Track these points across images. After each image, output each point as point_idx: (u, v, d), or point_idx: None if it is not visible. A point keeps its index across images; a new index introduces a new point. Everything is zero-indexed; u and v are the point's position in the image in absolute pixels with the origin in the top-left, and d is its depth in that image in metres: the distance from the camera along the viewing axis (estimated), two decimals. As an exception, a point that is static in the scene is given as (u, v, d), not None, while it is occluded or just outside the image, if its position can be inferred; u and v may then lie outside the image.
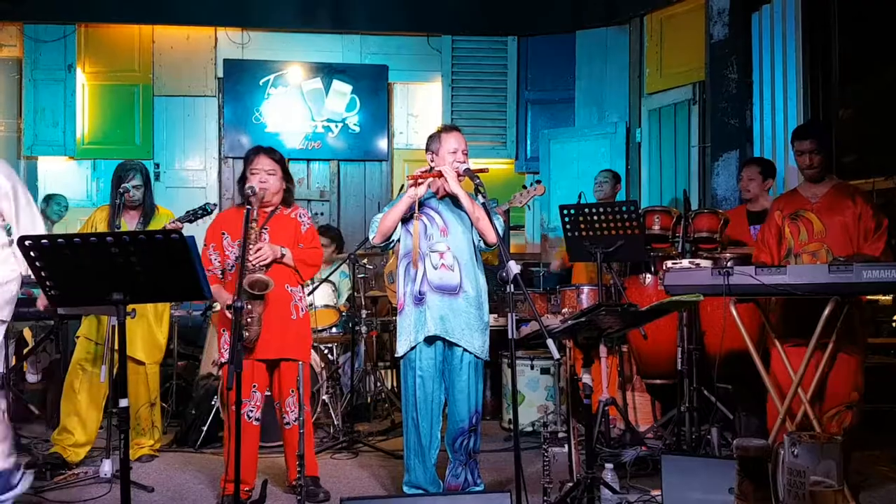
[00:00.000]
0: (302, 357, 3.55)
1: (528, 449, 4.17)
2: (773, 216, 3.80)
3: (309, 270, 3.63)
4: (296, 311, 3.56)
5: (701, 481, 2.84)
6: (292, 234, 3.59)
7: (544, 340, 2.76)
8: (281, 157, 3.62)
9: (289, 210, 3.64)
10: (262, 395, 3.53)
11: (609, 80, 6.67)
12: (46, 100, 6.62)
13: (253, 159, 3.53)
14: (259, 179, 3.48)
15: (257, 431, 3.54)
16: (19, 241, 2.53)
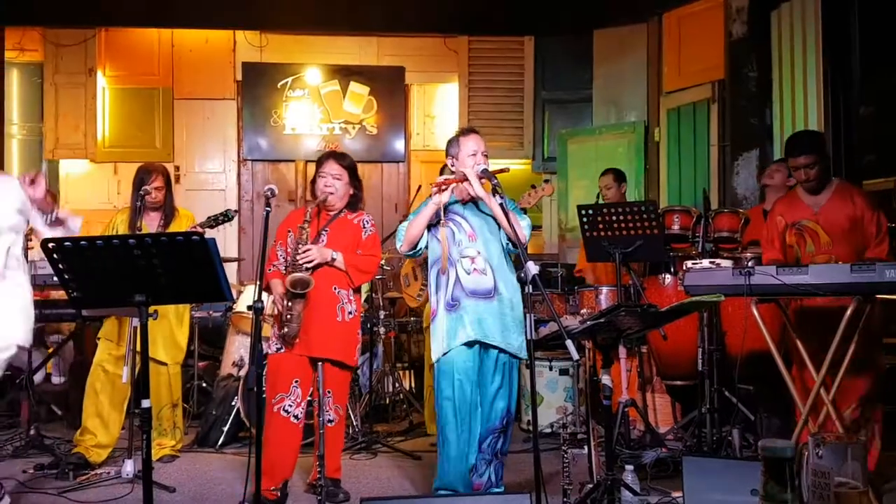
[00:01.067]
0: (345, 359, 3.57)
1: (547, 450, 4.15)
2: (775, 219, 3.77)
3: (361, 277, 3.65)
4: (342, 313, 3.57)
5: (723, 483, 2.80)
6: (352, 238, 3.63)
7: (563, 341, 2.75)
8: (350, 163, 3.68)
9: (353, 215, 3.68)
10: (304, 395, 3.53)
11: (627, 79, 6.63)
12: (68, 103, 6.70)
13: (323, 163, 3.64)
14: (325, 183, 3.58)
15: (297, 430, 3.53)
16: (43, 244, 2.56)
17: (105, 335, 4.22)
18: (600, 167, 5.40)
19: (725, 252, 4.31)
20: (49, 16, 6.45)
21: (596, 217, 4.02)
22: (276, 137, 6.90)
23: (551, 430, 4.65)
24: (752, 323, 3.57)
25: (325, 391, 3.53)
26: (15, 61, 6.69)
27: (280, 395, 3.48)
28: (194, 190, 6.75)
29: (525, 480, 3.76)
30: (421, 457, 4.25)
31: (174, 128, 6.83)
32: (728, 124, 5.79)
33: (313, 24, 6.79)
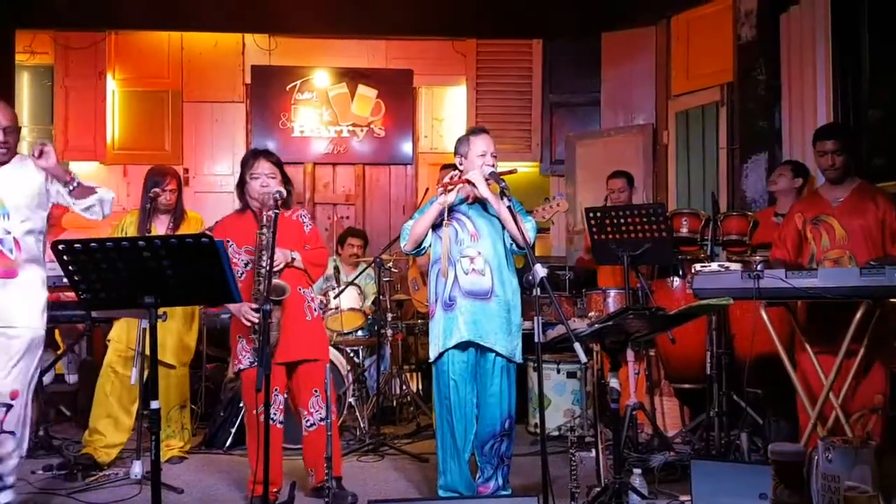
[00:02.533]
0: (321, 356, 3.56)
1: (555, 453, 4.14)
2: (794, 217, 3.76)
3: (318, 270, 3.64)
4: (309, 311, 3.57)
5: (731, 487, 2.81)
6: (297, 235, 3.60)
7: (571, 344, 2.75)
8: (278, 160, 3.59)
9: (289, 212, 3.61)
10: (283, 398, 3.55)
11: (635, 82, 6.62)
12: (78, 106, 6.73)
13: (252, 163, 3.51)
14: (261, 183, 3.47)
15: (280, 434, 3.56)
16: (53, 246, 2.57)
17: (114, 337, 4.25)
18: (608, 170, 5.39)
19: (734, 255, 4.30)
20: (59, 19, 6.48)
21: (604, 220, 4.02)
22: (284, 140, 6.92)
23: (559, 433, 4.64)
24: (761, 326, 3.56)
25: (312, 391, 3.52)
26: (25, 64, 6.72)
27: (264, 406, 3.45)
28: (203, 192, 6.77)
29: (532, 483, 3.75)
30: (428, 459, 4.24)
31: (183, 130, 6.86)
32: (737, 127, 5.77)
33: (322, 28, 6.81)
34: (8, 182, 3.26)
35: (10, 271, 3.22)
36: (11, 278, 3.22)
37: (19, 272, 3.23)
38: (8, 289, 3.21)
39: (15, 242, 3.22)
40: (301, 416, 3.59)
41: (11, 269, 3.22)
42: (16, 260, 3.22)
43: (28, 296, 3.26)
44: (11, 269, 3.22)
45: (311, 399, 3.53)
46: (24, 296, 3.25)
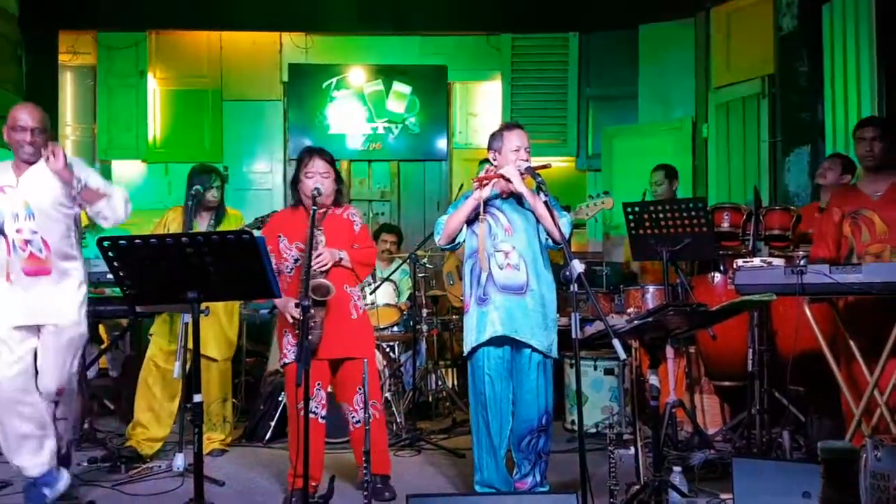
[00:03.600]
0: (365, 354, 3.57)
1: (592, 450, 4.11)
2: (832, 211, 3.70)
3: (365, 270, 3.65)
4: (355, 310, 3.59)
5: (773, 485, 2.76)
6: (346, 234, 3.61)
7: (608, 341, 2.72)
8: (332, 159, 3.62)
9: (340, 210, 3.65)
10: (326, 394, 3.58)
11: (674, 74, 6.54)
12: (120, 105, 6.85)
13: (307, 161, 3.52)
14: (314, 181, 3.49)
15: (322, 428, 3.59)
16: (98, 242, 2.63)
17: (157, 331, 4.33)
18: (646, 164, 5.33)
19: (777, 250, 4.23)
20: (101, 20, 6.60)
21: (642, 215, 3.97)
22: (320, 137, 6.97)
23: (596, 430, 4.61)
24: (804, 323, 3.50)
25: (357, 388, 3.54)
26: (69, 64, 6.86)
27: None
28: (242, 189, 6.86)
29: (570, 480, 3.73)
30: (464, 454, 4.25)
31: (223, 128, 6.94)
32: (779, 120, 5.67)
33: (357, 25, 6.84)
34: (34, 183, 3.30)
35: (41, 269, 3.28)
36: (44, 275, 3.29)
37: (52, 270, 3.30)
38: (42, 287, 3.29)
39: (43, 242, 3.28)
40: (347, 412, 3.61)
41: (43, 267, 3.29)
42: (46, 259, 3.28)
43: (64, 292, 3.33)
44: (43, 267, 3.29)
45: (356, 396, 3.54)
46: (59, 293, 3.32)
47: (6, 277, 3.28)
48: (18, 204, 3.27)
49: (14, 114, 3.29)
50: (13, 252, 3.27)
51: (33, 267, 3.27)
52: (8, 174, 3.33)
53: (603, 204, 4.19)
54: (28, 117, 3.27)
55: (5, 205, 3.28)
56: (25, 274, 3.27)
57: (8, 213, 3.27)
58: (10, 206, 3.27)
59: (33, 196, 3.28)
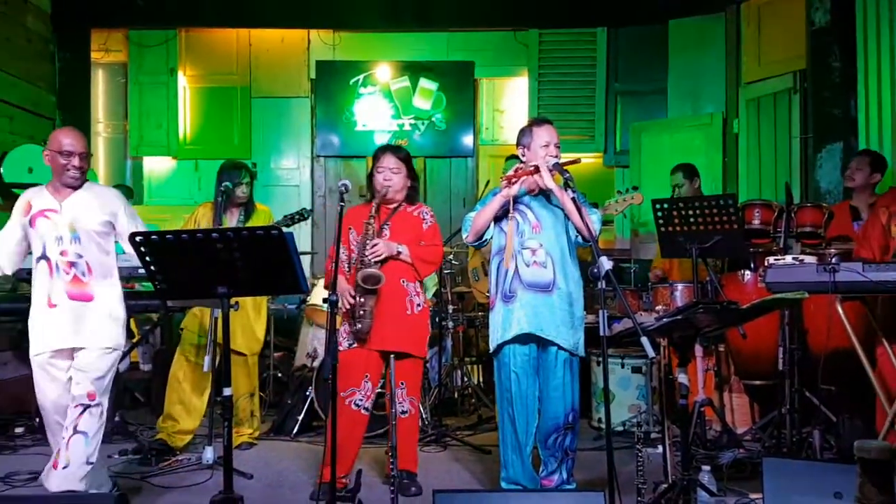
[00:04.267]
0: (416, 352, 3.61)
1: (619, 448, 4.10)
2: (878, 212, 3.64)
3: (427, 268, 3.67)
4: (411, 305, 3.61)
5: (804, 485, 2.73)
6: (414, 231, 3.65)
7: (636, 338, 2.71)
8: (407, 156, 3.69)
9: (412, 208, 3.71)
10: (374, 388, 3.59)
11: (704, 69, 6.46)
12: (150, 102, 6.94)
13: (380, 157, 3.64)
14: (384, 177, 3.59)
15: (364, 421, 3.60)
16: (130, 237, 2.67)
17: (187, 326, 4.38)
18: (675, 160, 5.28)
19: (808, 247, 4.17)
20: (133, 17, 6.68)
21: (671, 211, 3.94)
22: (347, 134, 7.01)
23: (623, 428, 4.58)
24: (837, 321, 3.44)
25: (399, 383, 3.56)
26: (100, 62, 6.96)
27: (351, 388, 3.53)
28: (270, 186, 6.91)
29: (597, 478, 3.72)
30: (490, 451, 4.25)
31: (252, 125, 7.00)
32: (810, 116, 5.58)
33: (385, 22, 6.85)
34: (80, 207, 3.32)
35: (85, 295, 3.29)
36: (87, 302, 3.29)
37: (94, 296, 3.31)
38: (85, 309, 3.29)
39: (87, 266, 3.29)
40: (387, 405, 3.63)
41: (86, 293, 3.29)
42: (88, 283, 3.29)
43: (105, 315, 3.34)
44: (86, 293, 3.29)
45: (398, 391, 3.57)
46: (101, 316, 3.32)
47: (48, 301, 3.29)
48: (63, 228, 3.27)
49: (59, 138, 3.29)
50: (56, 274, 3.27)
51: (77, 290, 3.28)
52: (48, 199, 3.32)
53: (632, 199, 4.16)
54: (76, 142, 3.28)
55: (48, 229, 3.28)
56: (70, 297, 3.27)
57: (51, 237, 3.27)
58: (53, 230, 3.28)
59: (80, 219, 3.30)
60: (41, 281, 3.31)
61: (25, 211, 3.33)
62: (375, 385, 3.61)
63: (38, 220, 3.30)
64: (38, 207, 3.32)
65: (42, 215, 3.30)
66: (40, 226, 3.29)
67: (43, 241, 3.29)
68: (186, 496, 3.62)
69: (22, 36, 5.63)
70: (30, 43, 5.73)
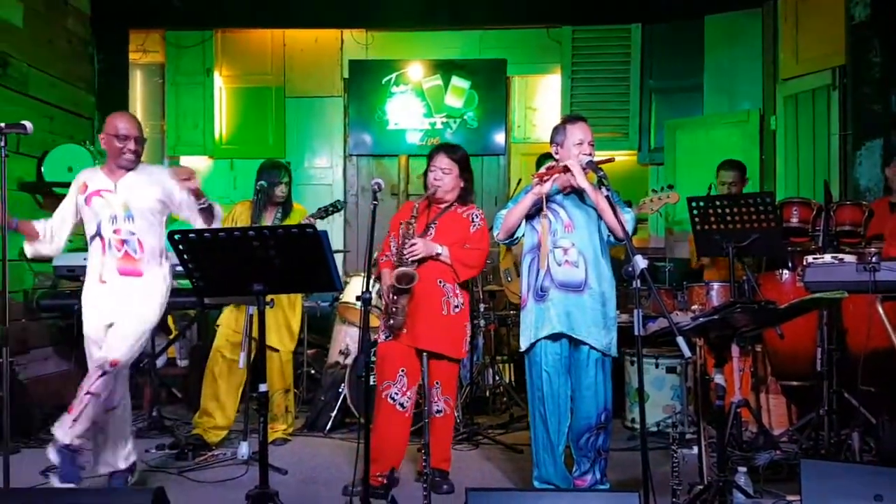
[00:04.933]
0: (452, 353, 3.61)
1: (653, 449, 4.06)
2: None
3: (467, 271, 3.66)
4: (447, 306, 3.61)
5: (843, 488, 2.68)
6: (460, 232, 3.65)
7: (672, 338, 2.68)
8: (462, 156, 3.70)
9: (464, 209, 3.71)
10: (411, 385, 3.60)
11: (740, 66, 6.36)
12: (187, 102, 7.03)
13: (434, 157, 3.68)
14: (434, 177, 3.62)
15: (404, 421, 3.62)
16: (169, 236, 2.72)
17: (223, 322, 4.44)
18: (711, 157, 5.21)
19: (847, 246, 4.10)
20: (170, 18, 6.78)
21: (708, 210, 3.90)
22: (380, 133, 7.03)
23: (657, 428, 4.54)
24: (877, 321, 3.39)
25: (434, 382, 3.58)
26: (138, 63, 7.06)
27: (387, 382, 3.57)
28: (304, 185, 6.94)
29: (630, 479, 3.69)
30: (522, 450, 4.25)
31: (286, 125, 7.06)
32: (850, 112, 5.47)
33: (417, 21, 6.86)
34: (134, 187, 3.47)
35: (135, 271, 3.44)
36: (138, 277, 3.44)
37: (144, 272, 3.45)
38: (133, 287, 3.43)
39: (139, 243, 3.44)
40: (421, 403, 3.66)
41: (136, 269, 3.44)
42: (140, 259, 3.44)
43: (150, 293, 3.47)
44: (136, 269, 3.44)
45: (432, 391, 3.59)
46: (146, 293, 3.46)
47: (99, 278, 3.44)
48: (117, 207, 3.43)
49: (116, 123, 3.45)
50: (108, 251, 3.43)
51: (128, 267, 3.43)
52: (103, 179, 3.49)
53: (668, 198, 4.12)
54: (131, 127, 3.45)
55: (103, 208, 3.45)
56: (120, 273, 3.43)
57: (105, 216, 3.44)
58: (108, 209, 3.44)
59: (134, 199, 3.45)
60: (94, 258, 3.48)
61: (81, 190, 3.50)
62: (412, 381, 3.61)
63: (93, 199, 3.46)
64: (93, 187, 3.48)
65: (97, 194, 3.46)
66: (95, 204, 3.45)
67: (97, 219, 3.45)
68: (222, 491, 3.67)
69: (62, 37, 5.74)
70: (70, 44, 5.84)
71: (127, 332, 3.39)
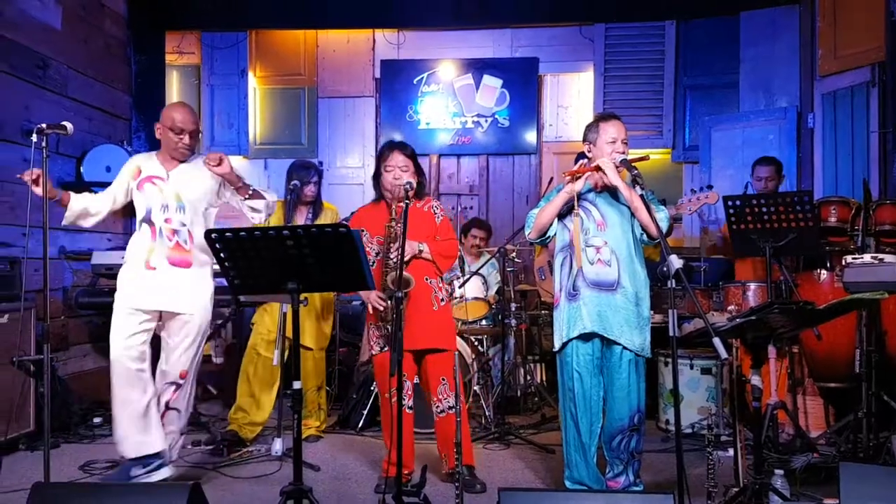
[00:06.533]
0: (448, 346, 3.61)
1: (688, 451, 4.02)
2: None
3: (447, 262, 3.68)
4: (436, 301, 3.62)
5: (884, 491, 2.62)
6: (428, 226, 3.65)
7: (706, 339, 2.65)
8: (412, 152, 3.68)
9: (421, 203, 3.69)
10: (412, 384, 3.64)
11: (777, 62, 6.26)
12: (222, 103, 7.14)
13: (387, 156, 3.63)
14: (394, 176, 3.57)
15: (411, 419, 3.65)
16: (206, 235, 2.75)
17: (258, 320, 4.49)
18: (747, 155, 5.14)
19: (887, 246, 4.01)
20: (205, 20, 6.87)
21: (744, 209, 3.84)
22: (410, 132, 7.05)
23: (692, 430, 4.49)
24: (919, 322, 3.31)
25: (440, 379, 3.57)
26: (174, 64, 7.17)
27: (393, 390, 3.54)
28: (336, 184, 7.01)
29: (665, 481, 3.66)
30: (554, 451, 4.23)
31: (318, 125, 7.12)
32: (889, 109, 5.33)
33: (449, 20, 6.86)
34: (186, 179, 3.52)
35: (185, 261, 3.49)
36: (186, 268, 3.49)
37: (193, 263, 3.50)
38: (183, 277, 3.48)
39: (189, 234, 3.49)
40: (431, 402, 3.66)
41: (186, 259, 3.49)
42: (190, 251, 3.49)
43: (200, 284, 3.53)
44: (186, 259, 3.49)
45: (440, 387, 3.59)
46: (196, 284, 3.51)
47: (146, 264, 3.47)
48: (169, 196, 3.48)
49: (172, 114, 3.49)
50: (158, 238, 3.47)
51: (178, 257, 3.47)
52: (157, 166, 3.54)
53: (706, 198, 4.07)
54: (186, 119, 3.48)
55: (154, 196, 3.49)
56: (170, 263, 3.47)
57: (157, 204, 3.48)
58: (159, 197, 3.49)
59: (186, 190, 3.49)
60: (141, 243, 3.50)
61: (135, 175, 3.55)
62: (412, 382, 3.65)
63: (145, 185, 3.51)
64: (147, 173, 3.53)
65: (150, 181, 3.51)
66: (147, 190, 3.50)
67: (148, 205, 3.49)
68: (256, 486, 3.71)
69: (100, 39, 5.85)
70: (107, 46, 5.95)
71: (185, 336, 3.45)
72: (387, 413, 3.61)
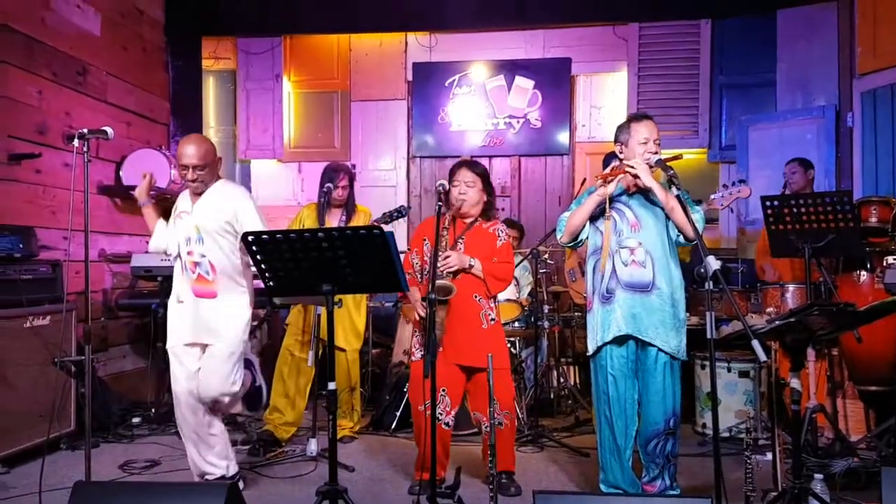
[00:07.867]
0: (500, 364, 3.54)
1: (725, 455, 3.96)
2: None
3: (498, 285, 3.64)
4: (486, 320, 3.59)
5: (928, 500, 2.56)
6: (488, 247, 3.64)
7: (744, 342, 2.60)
8: (483, 171, 3.68)
9: (488, 224, 3.70)
10: (454, 405, 3.57)
11: (815, 61, 6.15)
12: (257, 107, 7.22)
13: (456, 171, 3.66)
14: (459, 191, 3.60)
15: (447, 434, 3.60)
16: (243, 237, 2.79)
17: (292, 322, 4.53)
18: (785, 155, 5.05)
19: (931, 247, 3.92)
20: (240, 26, 6.96)
21: (782, 209, 3.77)
22: (442, 134, 7.06)
23: (729, 434, 4.43)
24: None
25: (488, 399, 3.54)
26: (211, 69, 7.28)
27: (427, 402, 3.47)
28: (368, 186, 7.04)
29: (701, 485, 3.61)
30: (589, 454, 4.20)
31: (351, 128, 7.17)
32: (933, 107, 5.23)
33: (480, 22, 6.86)
34: (204, 210, 3.51)
35: (209, 292, 3.48)
36: (211, 298, 3.47)
37: (218, 293, 3.48)
38: (208, 308, 3.47)
39: (210, 266, 3.47)
40: (479, 420, 3.62)
41: (210, 290, 3.48)
42: (213, 281, 3.47)
43: (228, 314, 3.49)
44: (210, 290, 3.48)
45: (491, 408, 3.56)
46: (224, 314, 3.48)
47: (177, 298, 3.54)
48: (191, 229, 3.50)
49: (180, 150, 3.51)
50: (185, 272, 3.51)
51: (201, 288, 3.48)
52: (186, 201, 3.59)
53: (739, 193, 4.00)
54: (190, 155, 3.45)
55: (182, 230, 3.53)
56: (195, 295, 3.48)
57: (183, 238, 3.51)
58: (185, 230, 3.51)
59: (203, 222, 3.49)
60: (176, 277, 3.58)
61: (174, 212, 3.62)
62: (456, 401, 3.57)
63: (177, 221, 3.57)
64: (179, 209, 3.59)
65: (179, 217, 3.57)
66: (178, 226, 3.56)
67: (178, 240, 3.54)
68: (292, 486, 3.75)
69: (138, 46, 5.96)
70: (145, 52, 6.06)
71: (218, 358, 3.45)
72: (419, 427, 3.58)
